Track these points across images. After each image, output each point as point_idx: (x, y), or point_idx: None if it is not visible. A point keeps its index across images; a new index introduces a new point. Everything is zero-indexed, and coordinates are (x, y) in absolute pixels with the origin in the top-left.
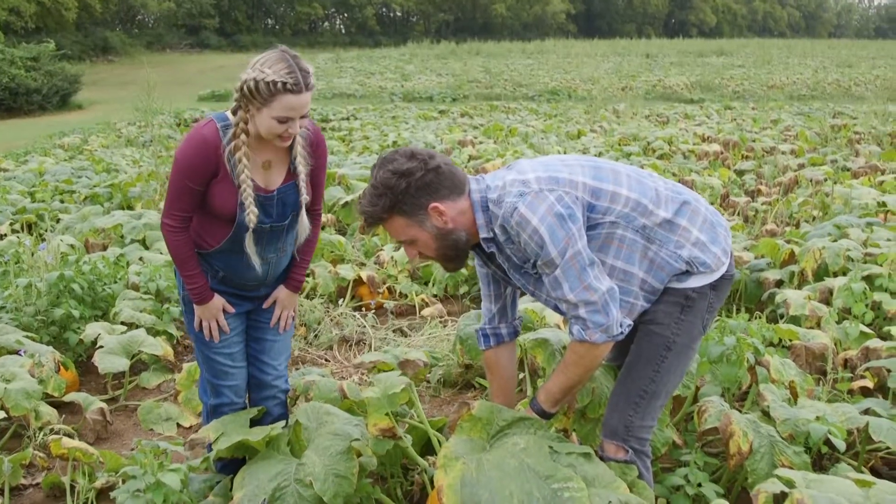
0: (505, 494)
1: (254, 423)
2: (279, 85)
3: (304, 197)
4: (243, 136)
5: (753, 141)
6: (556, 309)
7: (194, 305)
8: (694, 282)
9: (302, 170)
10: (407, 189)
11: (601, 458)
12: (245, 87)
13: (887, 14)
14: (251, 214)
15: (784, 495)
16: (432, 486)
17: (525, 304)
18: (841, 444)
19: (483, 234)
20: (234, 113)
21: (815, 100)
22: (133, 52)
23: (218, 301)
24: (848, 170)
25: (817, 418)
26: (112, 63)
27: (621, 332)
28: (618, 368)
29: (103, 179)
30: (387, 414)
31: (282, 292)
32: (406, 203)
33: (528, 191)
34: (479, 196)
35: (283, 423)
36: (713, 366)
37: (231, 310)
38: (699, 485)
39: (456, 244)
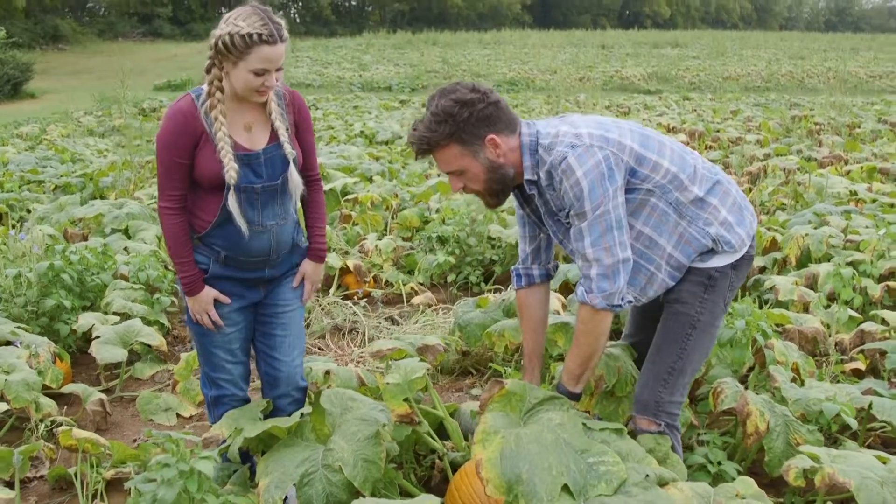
0: (544, 467)
1: (266, 416)
2: (254, 37)
3: (290, 152)
4: (218, 94)
5: (718, 131)
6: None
7: (186, 298)
8: (717, 261)
9: (280, 125)
10: (468, 118)
11: (633, 434)
12: (220, 43)
13: (836, 7)
14: (231, 171)
15: (811, 470)
16: (453, 471)
17: None
18: (853, 423)
19: (527, 176)
20: (208, 72)
21: (770, 91)
22: (84, 41)
23: (209, 292)
24: (814, 160)
25: (827, 398)
26: (63, 51)
27: (620, 305)
28: (633, 347)
29: (71, 169)
30: (405, 400)
31: (307, 266)
32: (465, 132)
33: (579, 144)
34: (529, 139)
35: (308, 409)
36: (719, 348)
37: (226, 300)
38: (719, 463)
39: (504, 179)
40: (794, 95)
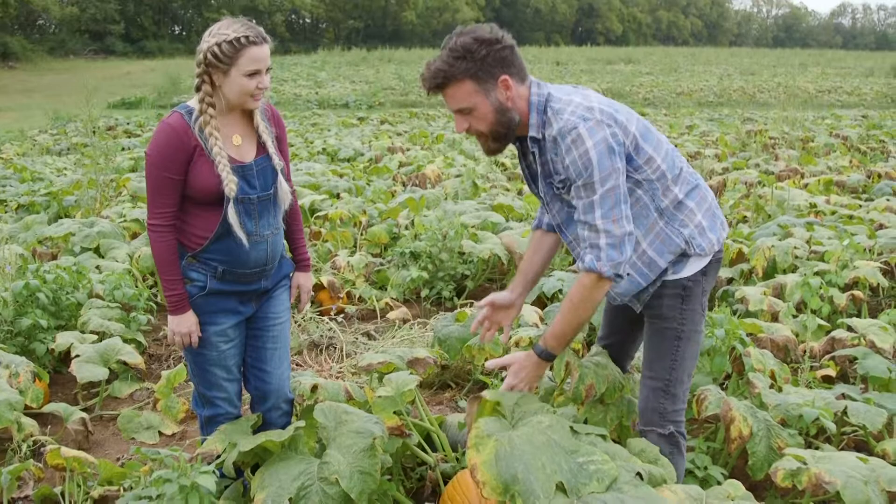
0: (538, 466)
1: (256, 431)
2: (242, 40)
3: (278, 162)
4: (210, 110)
5: (675, 146)
6: (560, 230)
7: (169, 316)
8: (688, 270)
9: (267, 138)
10: (485, 56)
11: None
12: (209, 54)
13: (784, 23)
14: (231, 184)
15: (798, 471)
16: (445, 482)
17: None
18: (832, 426)
19: (532, 133)
20: (198, 90)
21: (722, 106)
22: (35, 58)
23: (193, 318)
24: (772, 173)
25: (805, 403)
26: (13, 69)
27: (622, 276)
28: (607, 349)
29: (32, 188)
30: (396, 412)
31: (301, 277)
32: (482, 69)
33: (590, 117)
34: (538, 99)
35: (301, 423)
36: (699, 357)
37: (196, 338)
38: (705, 468)
39: (509, 123)
40: (747, 110)
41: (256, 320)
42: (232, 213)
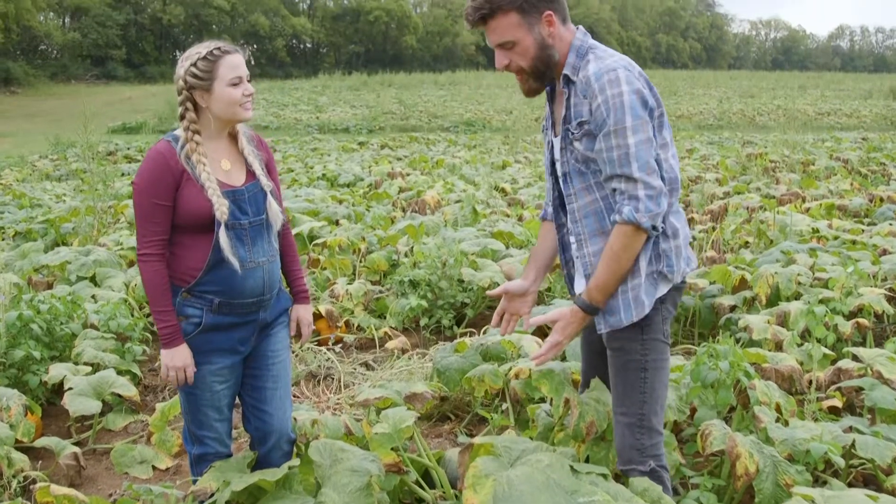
0: None
1: (253, 469)
2: (215, 51)
3: (267, 183)
4: (196, 137)
5: None
6: (564, 180)
7: (161, 350)
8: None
9: (254, 160)
10: None
11: (616, 477)
12: (187, 76)
13: (783, 46)
14: (222, 207)
15: None
16: None
17: (501, 337)
18: (841, 462)
19: (567, 71)
20: (182, 118)
21: (722, 129)
22: (37, 84)
23: (187, 351)
24: (773, 197)
25: (813, 438)
26: (15, 94)
27: (657, 230)
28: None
29: (30, 215)
30: (393, 448)
31: (300, 310)
32: (528, 3)
33: (632, 70)
34: (581, 43)
35: (296, 461)
36: (703, 390)
37: (191, 373)
38: None
39: (549, 60)
40: (747, 133)
41: (255, 359)
42: (224, 239)
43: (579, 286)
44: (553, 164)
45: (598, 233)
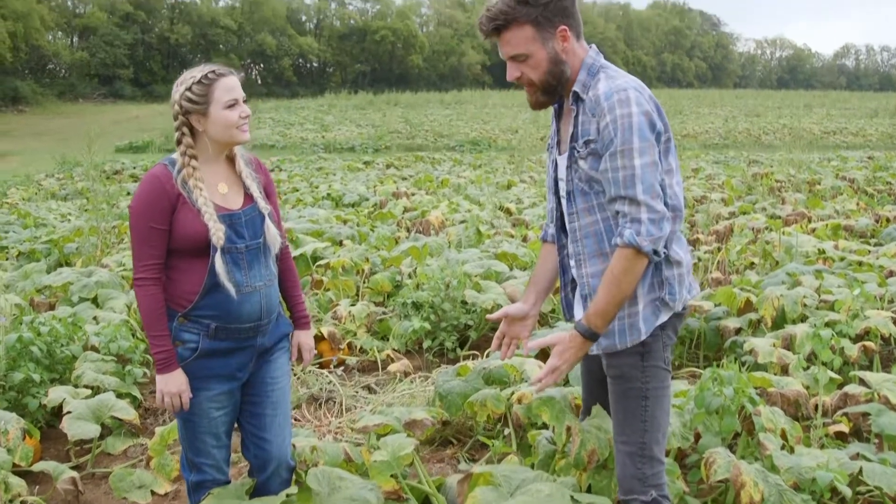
0: None
1: (252, 495)
2: (210, 75)
3: (264, 206)
4: (193, 162)
5: None
6: (568, 199)
7: (157, 376)
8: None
9: (252, 183)
10: (548, 4)
11: None
12: (183, 101)
13: (788, 65)
14: (218, 232)
15: None
16: None
17: (503, 361)
18: (847, 491)
19: (577, 88)
20: (179, 143)
21: (728, 148)
22: (44, 102)
23: (183, 376)
24: (778, 217)
25: (819, 465)
26: (23, 113)
27: (659, 255)
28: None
29: (34, 234)
30: (392, 475)
31: (301, 336)
32: (543, 16)
33: (643, 92)
34: (593, 62)
35: (295, 489)
36: (707, 416)
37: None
38: None
39: (561, 76)
40: (752, 152)
41: (254, 385)
42: (219, 263)
43: (578, 311)
44: (556, 182)
45: (597, 254)
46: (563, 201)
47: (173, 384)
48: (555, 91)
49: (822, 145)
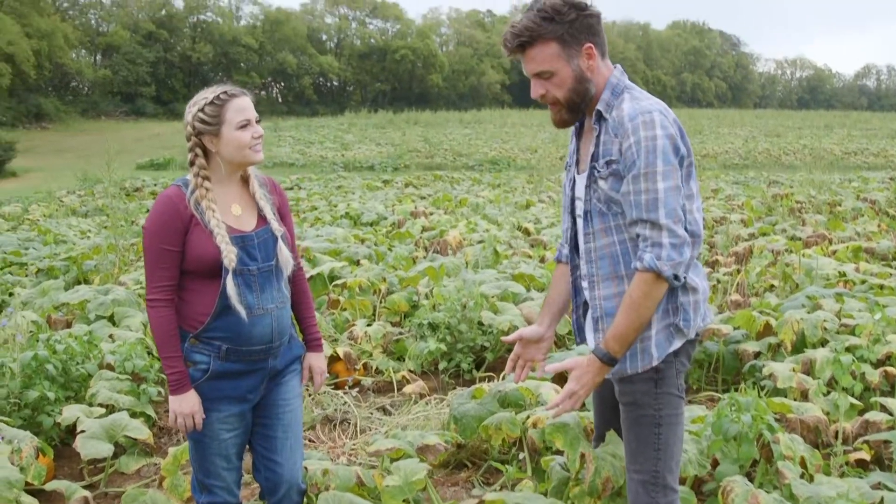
0: None
1: None
2: (222, 96)
3: (278, 228)
4: (206, 183)
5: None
6: (585, 219)
7: (170, 397)
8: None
9: (265, 204)
10: (574, 21)
11: None
12: (195, 122)
13: (808, 85)
14: (230, 254)
15: None
16: None
17: (519, 384)
18: None
19: (600, 108)
20: (191, 164)
21: (748, 168)
22: (67, 120)
23: (196, 397)
24: (798, 239)
25: (839, 495)
26: (46, 130)
27: (679, 279)
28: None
29: (53, 251)
30: (404, 501)
31: (312, 358)
32: (568, 33)
33: (668, 115)
34: (617, 81)
35: None
36: (725, 443)
37: (200, 421)
38: None
39: (585, 93)
40: (773, 173)
41: (265, 407)
42: (231, 286)
43: (588, 334)
44: (573, 201)
45: (611, 276)
46: (580, 221)
47: (186, 405)
48: (579, 109)
49: (843, 166)
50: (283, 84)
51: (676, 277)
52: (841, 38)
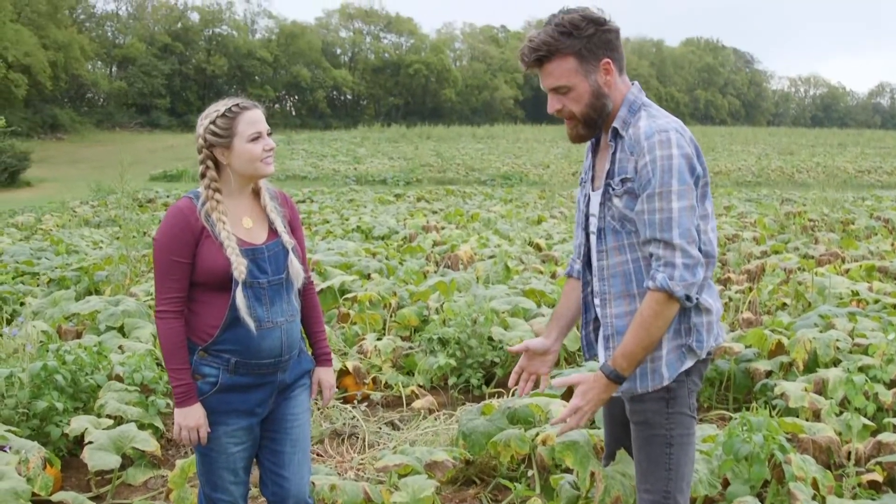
0: None
1: None
2: (234, 108)
3: (288, 241)
4: (217, 195)
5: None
6: (598, 236)
7: (175, 409)
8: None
9: (276, 216)
10: (592, 36)
11: None
12: (207, 134)
13: (822, 103)
14: (240, 266)
15: None
16: None
17: (528, 399)
18: None
19: (616, 124)
20: (203, 177)
21: (761, 186)
22: (82, 130)
23: (201, 410)
24: (811, 257)
25: None
26: (61, 141)
27: (691, 300)
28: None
29: (65, 261)
30: None
31: (322, 373)
32: (587, 48)
33: (684, 134)
34: (634, 98)
35: None
36: (736, 463)
37: (204, 434)
38: None
39: (602, 109)
40: (785, 190)
41: (274, 421)
42: (240, 298)
43: (600, 350)
44: (587, 218)
45: (623, 295)
46: (593, 238)
47: (191, 418)
48: (595, 124)
49: (857, 184)
50: (296, 97)
51: (689, 298)
52: (855, 56)
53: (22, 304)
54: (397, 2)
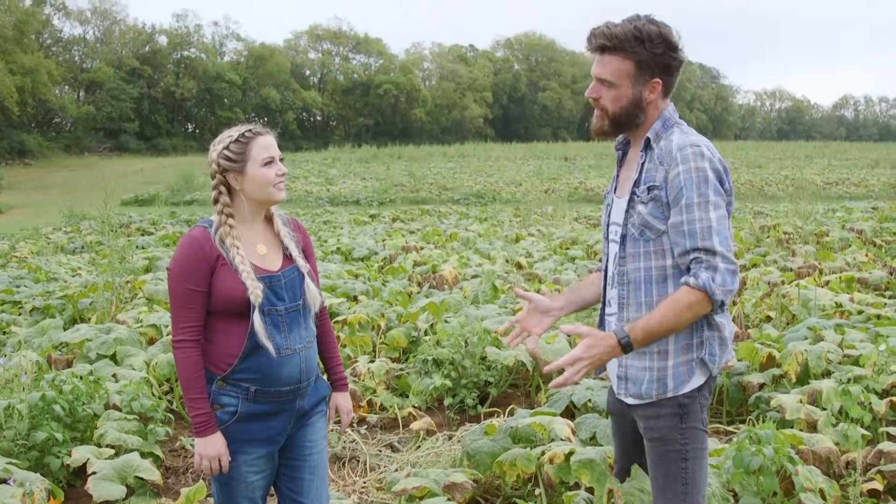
0: None
1: None
2: (247, 133)
3: (304, 265)
4: (230, 221)
5: None
6: (622, 242)
7: (195, 439)
8: (684, 387)
9: (290, 241)
10: (660, 55)
11: None
12: (221, 160)
13: (788, 116)
14: (256, 290)
15: None
16: None
17: (530, 419)
18: None
19: (650, 135)
20: (216, 202)
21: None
22: (50, 156)
23: (221, 439)
24: (790, 270)
25: None
26: (29, 166)
27: (721, 310)
28: (624, 473)
29: (46, 289)
30: None
31: (339, 398)
32: (648, 62)
33: (716, 154)
34: (669, 115)
35: None
36: (746, 476)
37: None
38: None
39: (633, 118)
40: (756, 203)
41: (292, 448)
42: (258, 323)
43: (611, 365)
44: (608, 227)
45: (639, 301)
46: (614, 245)
47: (212, 447)
48: (621, 127)
49: (826, 196)
50: (266, 119)
51: (722, 304)
52: (818, 69)
53: (4, 332)
54: (366, 23)
